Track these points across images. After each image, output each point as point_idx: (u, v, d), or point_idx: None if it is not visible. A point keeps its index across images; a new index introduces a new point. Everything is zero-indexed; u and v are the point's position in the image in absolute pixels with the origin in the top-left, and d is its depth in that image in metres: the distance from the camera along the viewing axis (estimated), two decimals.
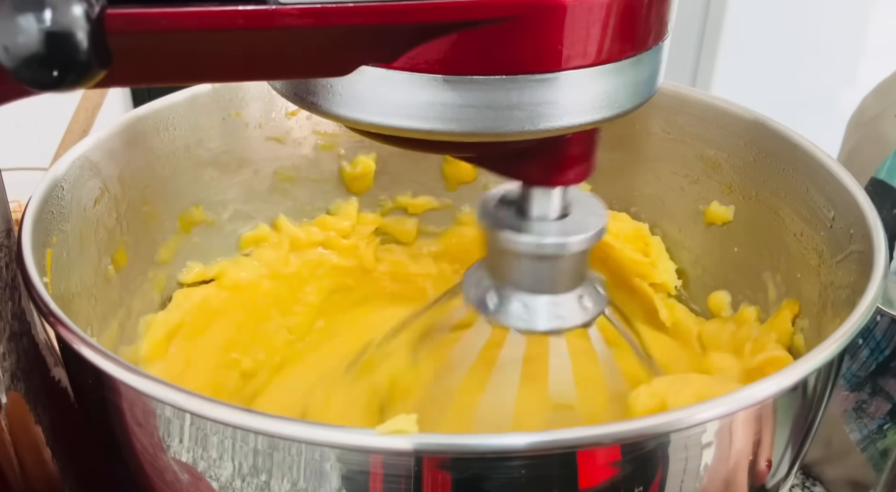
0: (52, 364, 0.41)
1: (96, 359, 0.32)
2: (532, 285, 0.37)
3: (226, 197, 0.52)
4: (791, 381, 0.32)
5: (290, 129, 0.53)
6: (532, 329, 0.37)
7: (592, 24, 0.28)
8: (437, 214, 0.58)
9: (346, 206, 0.56)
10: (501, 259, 0.37)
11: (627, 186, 0.55)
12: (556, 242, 0.35)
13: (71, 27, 0.23)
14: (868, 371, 0.52)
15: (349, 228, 0.56)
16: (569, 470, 0.30)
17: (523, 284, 0.37)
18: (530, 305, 0.37)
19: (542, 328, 0.37)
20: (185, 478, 0.33)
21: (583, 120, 0.30)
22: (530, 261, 0.36)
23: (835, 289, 0.41)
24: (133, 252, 0.47)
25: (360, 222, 0.56)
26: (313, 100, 0.30)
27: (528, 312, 0.37)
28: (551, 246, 0.36)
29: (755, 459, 0.34)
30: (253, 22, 0.26)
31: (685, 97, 0.51)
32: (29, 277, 0.36)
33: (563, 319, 0.37)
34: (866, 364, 0.52)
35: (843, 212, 0.42)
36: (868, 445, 0.52)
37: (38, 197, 0.40)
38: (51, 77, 0.23)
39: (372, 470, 0.29)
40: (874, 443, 0.53)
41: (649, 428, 0.30)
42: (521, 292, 0.37)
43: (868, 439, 0.53)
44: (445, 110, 0.29)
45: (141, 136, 0.47)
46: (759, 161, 0.48)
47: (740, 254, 0.50)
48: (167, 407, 0.31)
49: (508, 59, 0.28)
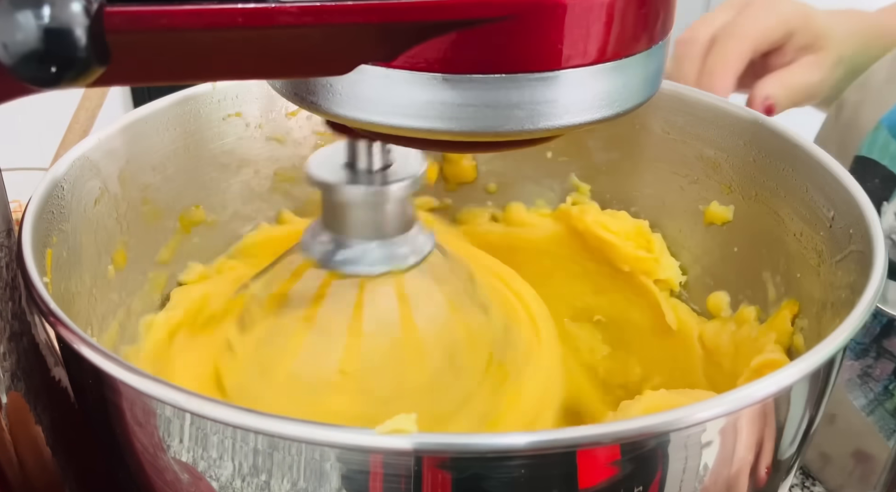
0: (52, 364, 0.41)
1: (96, 359, 0.32)
2: (365, 232, 0.40)
3: (226, 197, 0.52)
4: (790, 380, 0.32)
5: (290, 129, 0.53)
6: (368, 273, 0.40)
7: (592, 22, 0.28)
8: (437, 214, 0.58)
9: None
10: (336, 211, 0.40)
11: (627, 186, 0.55)
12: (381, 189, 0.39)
13: (69, 24, 0.23)
14: (873, 336, 0.52)
15: None
16: (569, 470, 0.30)
17: (357, 231, 0.40)
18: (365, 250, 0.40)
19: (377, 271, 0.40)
20: (185, 478, 0.33)
21: (582, 119, 0.30)
22: (361, 209, 0.40)
23: (834, 289, 0.41)
24: (133, 252, 0.47)
25: None
26: (313, 99, 0.30)
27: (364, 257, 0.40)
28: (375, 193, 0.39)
29: (755, 458, 0.34)
30: (252, 20, 0.26)
31: (685, 97, 0.51)
32: (29, 277, 0.36)
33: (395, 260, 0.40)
34: (871, 330, 0.52)
35: (843, 212, 0.42)
36: (875, 408, 0.52)
37: (38, 197, 0.40)
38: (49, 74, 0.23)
39: (372, 470, 0.29)
40: (881, 405, 0.52)
41: (649, 428, 0.30)
42: (356, 239, 0.40)
43: (874, 403, 0.53)
44: (445, 109, 0.29)
45: (141, 136, 0.47)
46: (759, 161, 0.48)
47: (740, 254, 0.50)
48: (167, 407, 0.31)
49: (508, 58, 0.28)
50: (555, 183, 0.56)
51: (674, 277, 0.53)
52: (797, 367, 0.32)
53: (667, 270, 0.53)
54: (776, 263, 0.47)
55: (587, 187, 0.56)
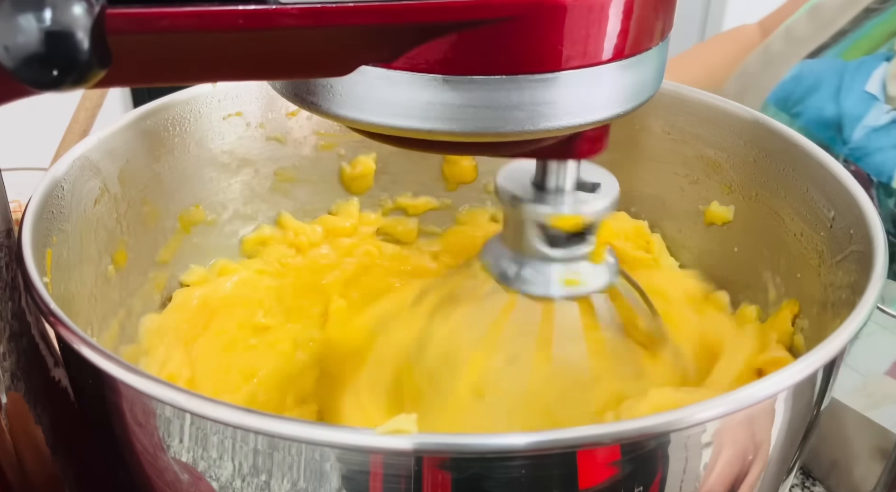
0: (52, 364, 0.41)
1: (96, 359, 0.32)
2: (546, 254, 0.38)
3: (226, 197, 0.52)
4: (791, 381, 0.32)
5: (290, 129, 0.53)
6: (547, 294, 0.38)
7: (592, 23, 0.28)
8: (437, 214, 0.58)
9: (348, 206, 0.56)
10: (519, 230, 0.38)
11: (627, 186, 0.54)
12: (572, 211, 0.37)
13: (71, 27, 0.23)
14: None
15: (351, 228, 0.56)
16: (569, 470, 0.30)
17: (539, 252, 0.38)
18: (545, 272, 0.38)
19: (557, 294, 0.38)
20: (185, 478, 0.33)
21: (583, 120, 0.30)
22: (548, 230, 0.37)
23: (835, 289, 0.41)
24: (133, 252, 0.47)
25: (361, 222, 0.56)
26: (313, 100, 0.30)
27: (543, 278, 0.38)
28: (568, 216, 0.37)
29: (755, 458, 0.34)
30: (253, 22, 0.26)
31: (685, 97, 0.51)
32: (29, 277, 0.36)
33: (577, 286, 0.39)
34: None
35: (843, 212, 0.42)
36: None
37: (38, 197, 0.40)
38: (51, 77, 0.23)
39: (372, 470, 0.29)
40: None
41: (649, 428, 0.30)
42: (536, 260, 0.38)
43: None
44: (445, 110, 0.29)
45: (141, 136, 0.47)
46: (759, 161, 0.48)
47: (740, 254, 0.50)
48: (167, 407, 0.31)
49: (508, 60, 0.28)
50: None
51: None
52: (797, 367, 0.32)
53: (666, 270, 0.53)
54: (776, 263, 0.47)
55: None
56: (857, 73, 0.57)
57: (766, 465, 0.35)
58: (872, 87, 0.56)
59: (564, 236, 0.38)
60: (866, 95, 0.56)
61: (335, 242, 0.56)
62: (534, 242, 0.38)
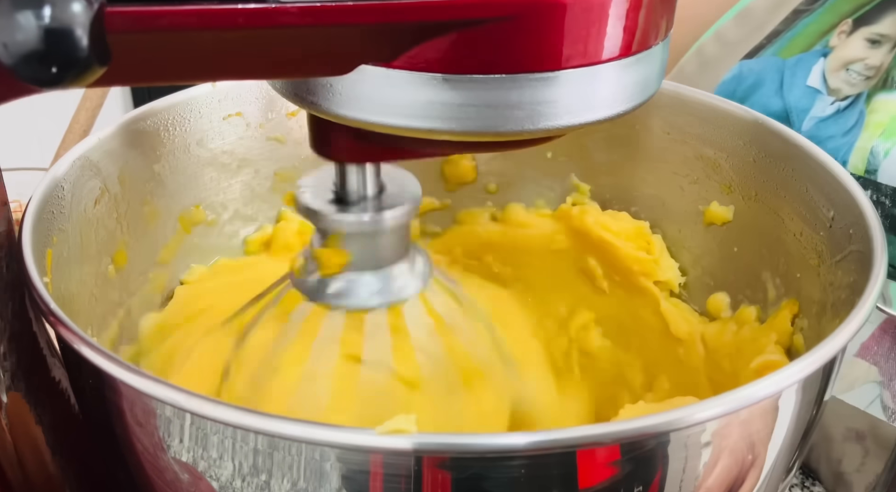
0: (52, 364, 0.41)
1: (96, 359, 0.32)
2: (356, 263, 0.37)
3: (226, 197, 0.52)
4: (790, 380, 0.32)
5: (290, 129, 0.53)
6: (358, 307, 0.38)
7: (592, 23, 0.28)
8: (438, 214, 0.58)
9: None
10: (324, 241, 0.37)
11: (627, 186, 0.55)
12: (375, 218, 0.36)
13: (70, 24, 0.23)
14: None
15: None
16: (568, 470, 0.30)
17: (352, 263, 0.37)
18: (355, 282, 0.38)
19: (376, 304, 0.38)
20: (185, 478, 0.33)
21: (583, 119, 0.30)
22: (354, 239, 0.37)
23: (834, 289, 0.41)
24: (133, 252, 0.47)
25: None
26: (313, 99, 0.30)
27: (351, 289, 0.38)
28: (370, 222, 0.36)
29: (755, 458, 0.34)
30: (253, 21, 0.26)
31: (685, 97, 0.51)
32: (29, 277, 0.36)
33: (388, 294, 0.38)
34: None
35: (843, 212, 0.42)
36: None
37: (38, 197, 0.40)
38: (50, 74, 0.23)
39: (372, 470, 0.29)
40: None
41: (649, 428, 0.30)
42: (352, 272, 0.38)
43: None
44: (445, 110, 0.29)
45: (141, 136, 0.47)
46: (759, 161, 0.48)
47: (740, 254, 0.50)
48: (167, 407, 0.31)
49: (508, 59, 0.28)
50: (555, 183, 0.56)
51: (673, 279, 0.53)
52: (797, 367, 0.32)
53: (666, 271, 0.53)
54: (776, 263, 0.47)
55: (587, 187, 0.56)
56: (797, 69, 0.61)
57: (766, 464, 0.35)
58: (814, 82, 0.60)
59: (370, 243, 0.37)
60: (809, 89, 0.60)
61: None
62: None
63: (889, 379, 0.52)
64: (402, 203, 0.37)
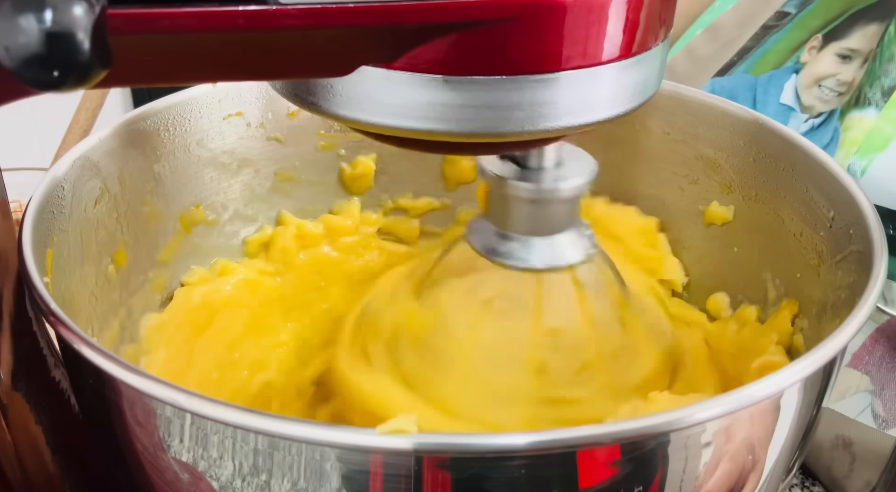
0: (52, 364, 0.41)
1: (96, 359, 0.32)
2: (530, 228, 0.40)
3: (226, 197, 0.52)
4: (790, 380, 0.32)
5: (290, 129, 0.53)
6: (531, 266, 0.40)
7: (592, 24, 0.28)
8: (438, 214, 0.58)
9: (349, 205, 0.56)
10: (503, 206, 0.40)
11: (627, 187, 0.55)
12: (552, 187, 0.39)
13: (71, 27, 0.23)
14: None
15: (352, 227, 0.56)
16: (569, 470, 0.30)
17: (522, 227, 0.40)
18: (529, 245, 0.40)
19: (539, 265, 0.40)
20: (185, 478, 0.33)
21: (583, 120, 0.30)
22: (529, 205, 0.39)
23: (834, 289, 0.41)
24: (133, 252, 0.47)
25: (362, 222, 0.56)
26: (313, 100, 0.30)
27: (527, 252, 0.40)
28: (548, 191, 0.39)
29: (755, 458, 0.34)
30: (253, 22, 0.26)
31: (685, 97, 0.51)
32: (29, 277, 0.36)
33: (558, 258, 0.40)
34: None
35: (843, 212, 0.42)
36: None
37: (38, 197, 0.40)
38: (52, 77, 0.23)
39: (372, 470, 0.29)
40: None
41: (649, 428, 0.30)
42: (520, 235, 0.40)
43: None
44: (445, 110, 0.29)
45: (141, 136, 0.47)
46: (759, 161, 0.48)
47: (740, 254, 0.50)
48: (167, 407, 0.31)
49: (508, 60, 0.28)
50: None
51: (677, 278, 0.53)
52: (797, 367, 0.32)
53: (671, 270, 0.53)
54: (776, 263, 0.47)
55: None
56: (770, 87, 0.61)
57: (766, 464, 0.35)
58: (787, 99, 0.60)
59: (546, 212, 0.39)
60: (783, 107, 0.60)
61: (337, 242, 0.56)
62: (517, 217, 0.40)
63: (881, 388, 0.52)
64: (577, 176, 0.39)
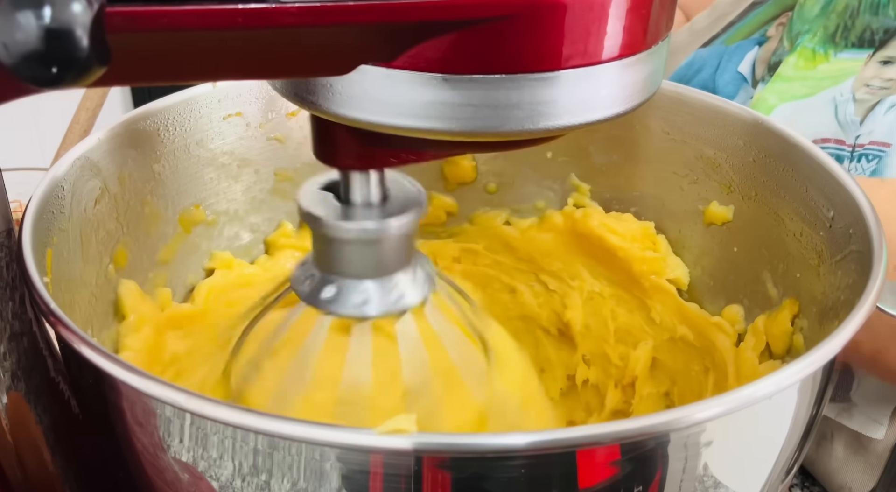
0: (52, 364, 0.41)
1: (97, 359, 0.32)
2: (360, 271, 0.36)
3: (226, 197, 0.52)
4: (790, 380, 0.32)
5: (290, 129, 0.53)
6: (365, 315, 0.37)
7: (592, 22, 0.28)
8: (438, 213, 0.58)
9: None
10: (328, 248, 0.36)
11: (627, 187, 0.55)
12: (380, 225, 0.35)
13: (70, 24, 0.23)
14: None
15: None
16: (568, 470, 0.30)
17: (352, 270, 0.36)
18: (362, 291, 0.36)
19: (374, 313, 0.37)
20: (185, 478, 0.33)
21: (583, 119, 0.30)
22: (357, 246, 0.36)
23: (834, 289, 0.41)
24: (133, 252, 0.47)
25: None
26: (313, 99, 0.30)
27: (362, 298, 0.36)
28: (374, 230, 0.35)
29: (754, 458, 0.34)
30: (253, 20, 0.26)
31: (685, 97, 0.51)
32: (29, 277, 0.36)
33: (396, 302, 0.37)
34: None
35: (843, 212, 0.42)
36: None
37: (38, 197, 0.40)
38: (50, 74, 0.23)
39: (372, 470, 0.29)
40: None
41: (649, 428, 0.30)
42: (350, 279, 0.37)
43: None
44: (445, 109, 0.29)
45: (141, 136, 0.47)
46: (759, 161, 0.48)
47: (740, 254, 0.50)
48: (167, 407, 0.31)
49: (508, 59, 0.28)
50: (555, 183, 0.56)
51: (682, 277, 0.53)
52: (797, 367, 0.32)
53: (674, 269, 0.53)
54: (776, 263, 0.47)
55: (587, 187, 0.56)
56: (734, 55, 0.62)
57: (766, 465, 0.35)
58: (744, 68, 0.60)
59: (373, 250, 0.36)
60: (738, 75, 0.61)
61: None
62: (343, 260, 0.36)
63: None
64: (406, 211, 0.36)
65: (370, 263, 0.36)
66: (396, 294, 0.37)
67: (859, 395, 0.57)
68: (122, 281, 0.46)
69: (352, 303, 0.36)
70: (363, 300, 0.36)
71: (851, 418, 0.56)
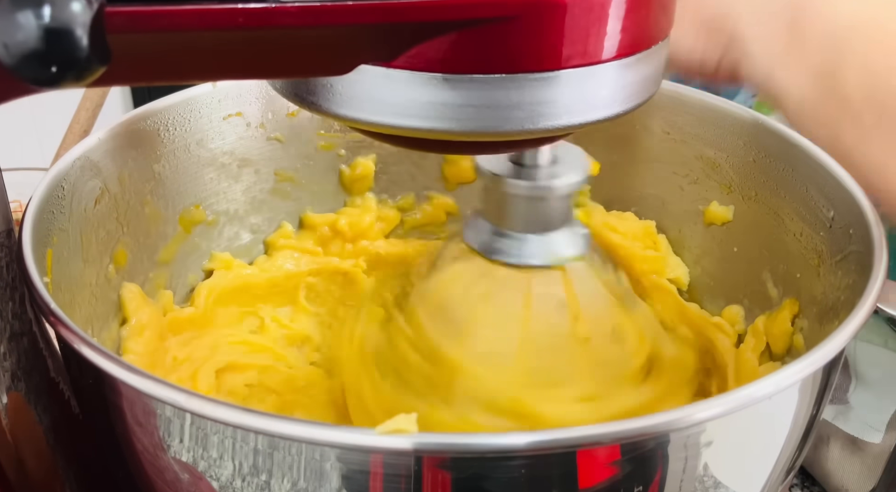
0: (52, 364, 0.41)
1: (96, 359, 0.32)
2: (526, 226, 0.41)
3: (226, 197, 0.52)
4: (790, 380, 0.32)
5: (290, 129, 0.53)
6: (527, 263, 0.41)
7: (592, 23, 0.28)
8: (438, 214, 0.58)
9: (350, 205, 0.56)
10: (500, 204, 0.41)
11: (627, 186, 0.55)
12: (547, 184, 0.40)
13: (70, 24, 0.23)
14: None
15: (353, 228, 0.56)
16: (569, 470, 0.30)
17: (518, 224, 0.41)
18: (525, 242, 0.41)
19: (534, 262, 0.41)
20: (185, 478, 0.33)
21: (583, 119, 0.30)
22: (525, 203, 0.40)
23: (834, 289, 0.41)
24: (133, 252, 0.47)
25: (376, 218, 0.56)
26: (313, 99, 0.30)
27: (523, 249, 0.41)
28: (543, 188, 0.40)
29: (755, 458, 0.34)
30: (253, 20, 0.26)
31: (685, 97, 0.51)
32: (29, 277, 0.36)
33: (553, 255, 0.41)
34: None
35: (843, 212, 0.42)
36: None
37: (38, 197, 0.40)
38: (50, 74, 0.23)
39: (372, 470, 0.29)
40: None
41: (649, 428, 0.30)
42: (516, 232, 0.41)
43: None
44: (445, 109, 0.29)
45: (141, 136, 0.47)
46: (759, 161, 0.48)
47: (740, 254, 0.50)
48: (167, 407, 0.31)
49: (508, 58, 0.28)
50: None
51: (682, 276, 0.53)
52: (797, 367, 0.32)
53: (675, 269, 0.53)
54: (776, 264, 0.47)
55: (587, 188, 0.56)
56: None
57: (766, 465, 0.35)
58: None
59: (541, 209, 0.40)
60: None
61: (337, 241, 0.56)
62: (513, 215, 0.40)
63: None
64: (569, 173, 0.40)
65: (536, 218, 0.41)
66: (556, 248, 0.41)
67: (856, 397, 0.57)
68: (125, 284, 0.46)
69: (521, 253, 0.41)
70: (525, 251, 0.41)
71: (848, 422, 0.56)
